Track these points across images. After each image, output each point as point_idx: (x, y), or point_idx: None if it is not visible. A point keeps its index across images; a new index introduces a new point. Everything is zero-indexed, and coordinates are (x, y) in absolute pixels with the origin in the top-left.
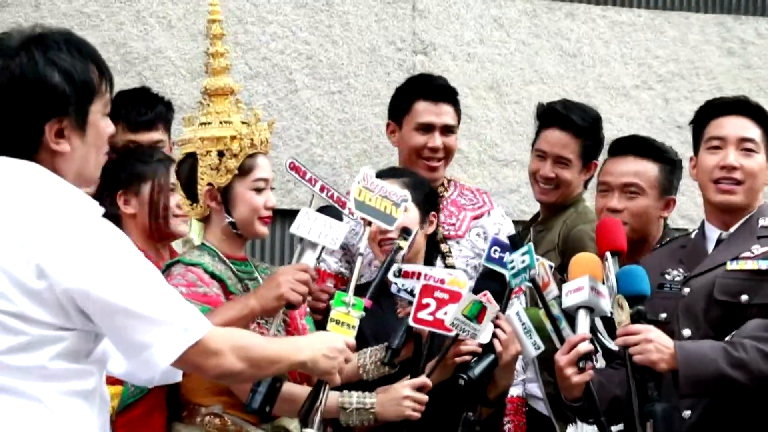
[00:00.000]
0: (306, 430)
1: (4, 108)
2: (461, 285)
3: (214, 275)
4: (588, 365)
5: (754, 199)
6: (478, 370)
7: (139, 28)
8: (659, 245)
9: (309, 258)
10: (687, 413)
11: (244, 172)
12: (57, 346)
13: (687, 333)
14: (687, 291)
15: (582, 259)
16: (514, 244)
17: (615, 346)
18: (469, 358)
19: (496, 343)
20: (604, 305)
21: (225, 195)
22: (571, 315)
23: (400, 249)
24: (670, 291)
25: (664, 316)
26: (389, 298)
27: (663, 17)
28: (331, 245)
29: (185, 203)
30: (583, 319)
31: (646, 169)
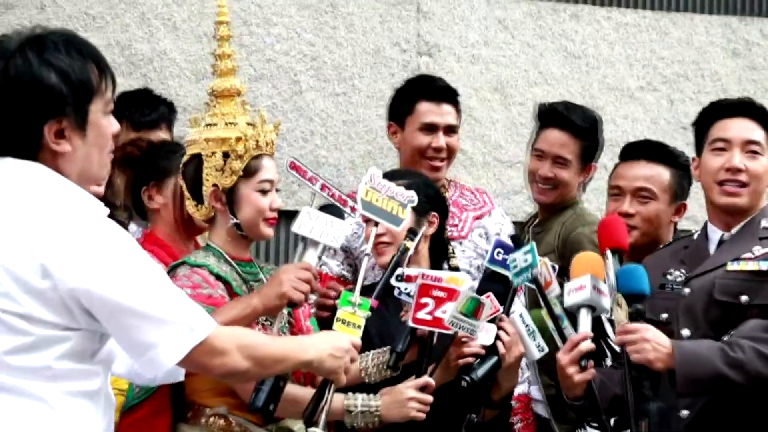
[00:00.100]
0: (311, 429)
1: (2, 109)
2: (458, 282)
3: (219, 277)
4: (589, 364)
5: (757, 201)
6: (480, 372)
7: (144, 30)
8: (662, 246)
9: (311, 257)
10: (685, 413)
11: (249, 173)
12: (62, 346)
13: (686, 333)
14: (687, 291)
15: (584, 258)
16: (516, 242)
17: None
18: (472, 360)
19: (499, 345)
20: (605, 304)
21: (230, 196)
22: (573, 314)
23: (406, 250)
24: (671, 291)
25: (665, 316)
26: (395, 298)
27: (668, 18)
28: (333, 243)
29: (190, 204)
30: (585, 318)
31: (658, 174)
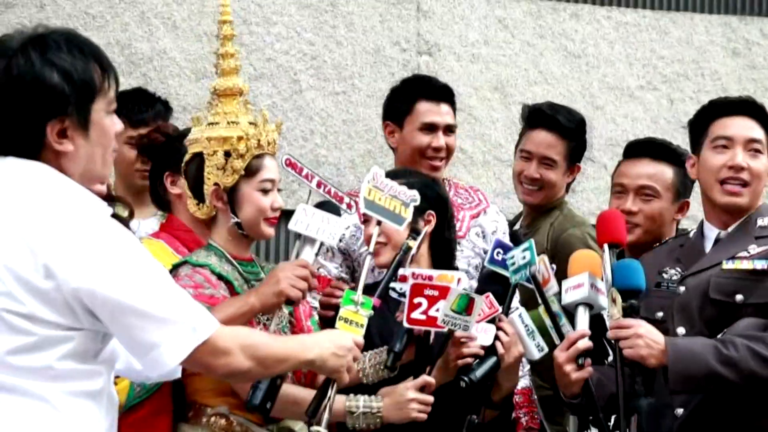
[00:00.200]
0: (314, 428)
1: (4, 109)
2: (449, 279)
3: (221, 276)
4: (587, 362)
5: (756, 201)
6: (479, 372)
7: (144, 29)
8: (658, 244)
9: (308, 254)
10: (679, 411)
11: (250, 172)
12: (64, 346)
13: (681, 331)
14: (682, 290)
15: (581, 256)
16: (515, 240)
17: None
18: (471, 360)
19: (498, 346)
20: (602, 302)
21: (231, 195)
22: (570, 312)
23: (409, 249)
24: (666, 290)
25: (660, 314)
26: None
27: (668, 18)
28: (330, 240)
29: (192, 203)
30: (583, 316)
31: (662, 172)
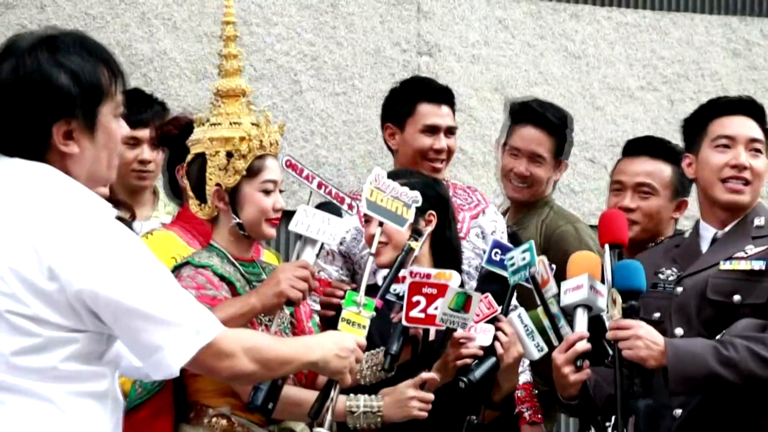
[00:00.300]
0: (317, 429)
1: (11, 108)
2: (447, 277)
3: (223, 277)
4: (585, 364)
5: (755, 200)
6: (478, 373)
7: (144, 29)
8: (653, 244)
9: (308, 255)
10: (678, 411)
11: (252, 173)
12: (69, 347)
13: (679, 332)
14: (680, 290)
15: (581, 258)
16: (514, 240)
17: None
18: (470, 361)
19: (497, 346)
20: (601, 304)
21: (233, 196)
22: (569, 313)
23: (411, 250)
24: (663, 290)
25: (657, 315)
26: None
27: (668, 18)
28: (330, 241)
29: (194, 203)
30: (581, 318)
31: (660, 170)
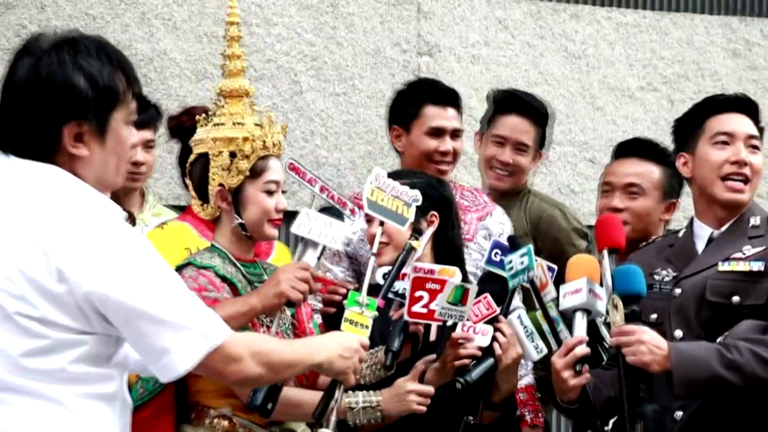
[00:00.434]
0: (321, 430)
1: (25, 107)
2: (450, 274)
3: (225, 278)
4: (585, 368)
5: (751, 198)
6: (475, 373)
7: (144, 30)
8: (645, 243)
9: (310, 257)
10: (679, 414)
11: (255, 173)
12: (77, 349)
13: (678, 334)
14: (678, 292)
15: (580, 261)
16: (513, 244)
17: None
18: (468, 361)
19: (495, 347)
20: (600, 307)
21: (236, 196)
22: (568, 317)
23: (412, 249)
24: (659, 292)
25: (654, 317)
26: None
27: (668, 19)
28: (332, 244)
29: (196, 203)
30: (580, 322)
31: (649, 171)
